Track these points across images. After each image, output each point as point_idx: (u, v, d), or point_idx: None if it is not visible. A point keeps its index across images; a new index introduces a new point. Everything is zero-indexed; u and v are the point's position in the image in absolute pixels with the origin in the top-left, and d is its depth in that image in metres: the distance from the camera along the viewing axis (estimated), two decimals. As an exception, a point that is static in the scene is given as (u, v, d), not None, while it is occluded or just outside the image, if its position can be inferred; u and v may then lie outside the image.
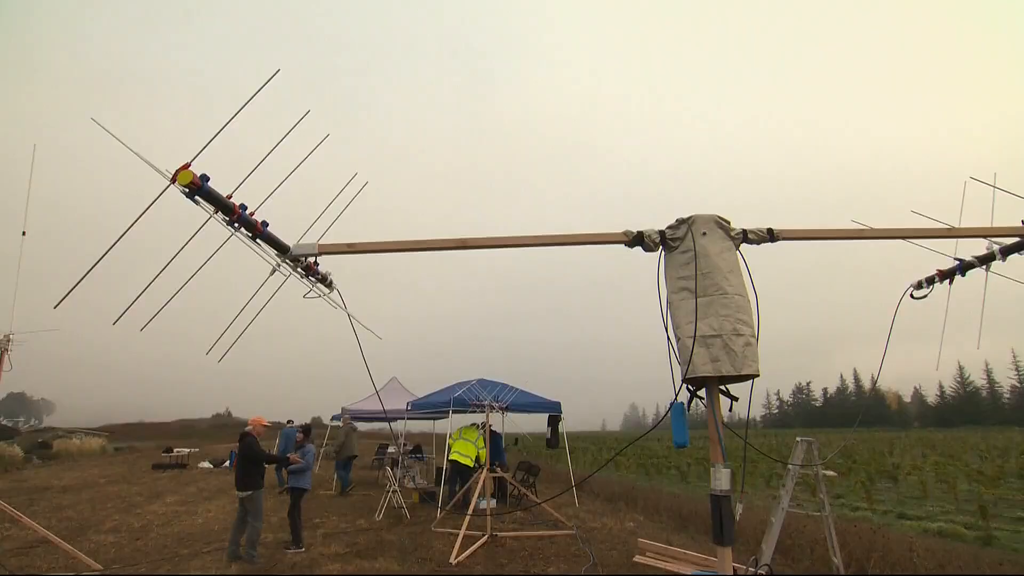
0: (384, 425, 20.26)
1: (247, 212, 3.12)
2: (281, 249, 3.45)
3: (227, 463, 21.34)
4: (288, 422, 8.01)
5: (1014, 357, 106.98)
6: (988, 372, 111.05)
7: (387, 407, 14.62)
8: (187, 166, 2.69)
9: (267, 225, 3.28)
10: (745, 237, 2.86)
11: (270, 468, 8.58)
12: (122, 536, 8.56)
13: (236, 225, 3.10)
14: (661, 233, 2.85)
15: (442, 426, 15.51)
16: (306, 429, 8.67)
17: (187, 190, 2.71)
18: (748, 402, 2.77)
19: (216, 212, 2.96)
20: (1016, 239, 3.28)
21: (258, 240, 3.31)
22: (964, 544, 8.27)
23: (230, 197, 2.99)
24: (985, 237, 3.39)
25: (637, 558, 6.86)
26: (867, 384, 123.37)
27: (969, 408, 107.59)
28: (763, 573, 3.69)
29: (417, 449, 17.62)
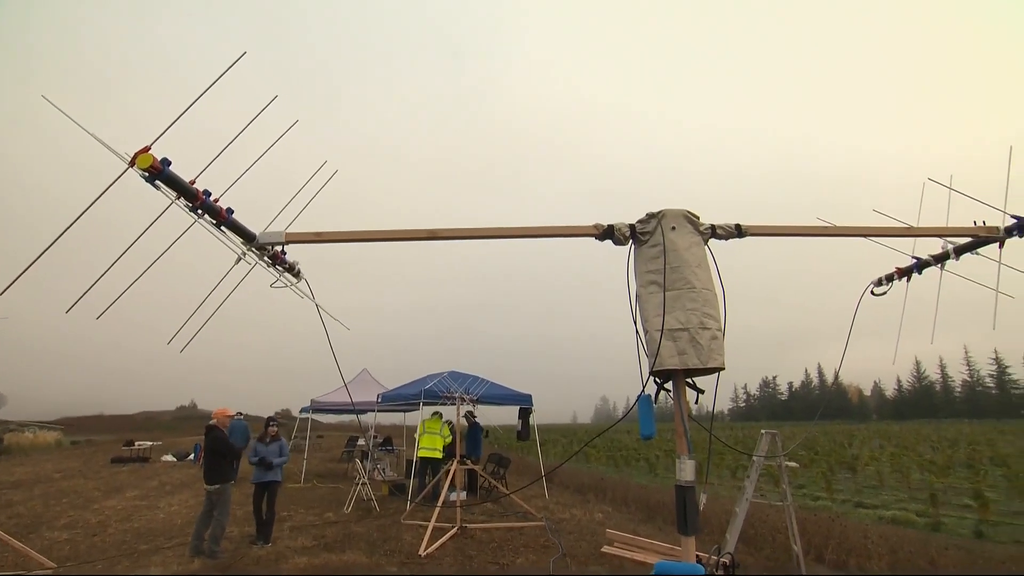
0: (354, 417, 20.06)
1: (211, 198, 3.03)
2: (247, 237, 3.36)
3: (191, 456, 20.86)
4: (238, 414, 7.81)
5: (966, 353, 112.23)
6: (942, 367, 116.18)
7: (357, 399, 14.50)
8: (147, 149, 2.59)
9: (232, 212, 3.19)
10: (714, 232, 2.90)
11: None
12: (77, 533, 8.30)
13: (199, 212, 3.00)
14: (631, 227, 2.87)
15: (413, 418, 15.44)
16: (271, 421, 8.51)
17: (147, 174, 2.61)
18: (714, 395, 2.82)
19: (178, 198, 2.86)
20: (968, 239, 3.40)
21: (223, 228, 3.22)
22: (915, 530, 8.62)
23: (193, 183, 2.90)
24: (940, 237, 3.49)
25: (605, 548, 6.95)
26: (830, 378, 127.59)
27: (924, 401, 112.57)
28: (725, 561, 3.78)
29: (387, 441, 17.53)
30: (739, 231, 2.95)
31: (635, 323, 2.84)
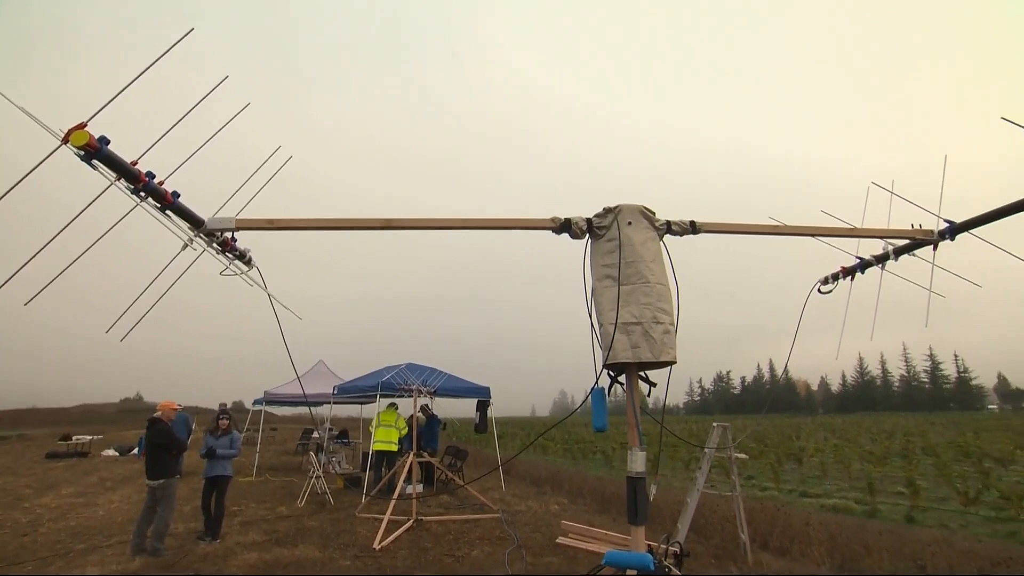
0: (305, 410, 19.64)
1: (155, 181, 2.90)
2: (195, 223, 3.23)
3: (135, 450, 20.01)
4: (179, 406, 7.59)
5: (904, 350, 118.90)
6: (883, 364, 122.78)
7: (313, 391, 14.20)
8: (82, 126, 2.44)
9: (178, 196, 3.05)
10: (669, 228, 2.96)
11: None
12: (5, 533, 7.84)
13: (142, 195, 2.86)
14: (588, 221, 2.90)
15: (370, 411, 15.24)
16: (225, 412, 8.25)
17: (83, 153, 2.47)
18: (666, 388, 2.88)
19: (118, 179, 2.72)
20: (907, 241, 3.57)
21: (168, 212, 3.08)
22: (853, 517, 9.06)
23: (135, 164, 2.76)
24: (881, 238, 3.66)
25: (560, 539, 7.03)
26: (779, 372, 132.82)
27: (866, 395, 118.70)
28: (675, 550, 3.88)
29: (343, 434, 17.26)
30: (693, 227, 3.01)
31: (590, 317, 2.87)
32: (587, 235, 2.93)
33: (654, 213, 2.93)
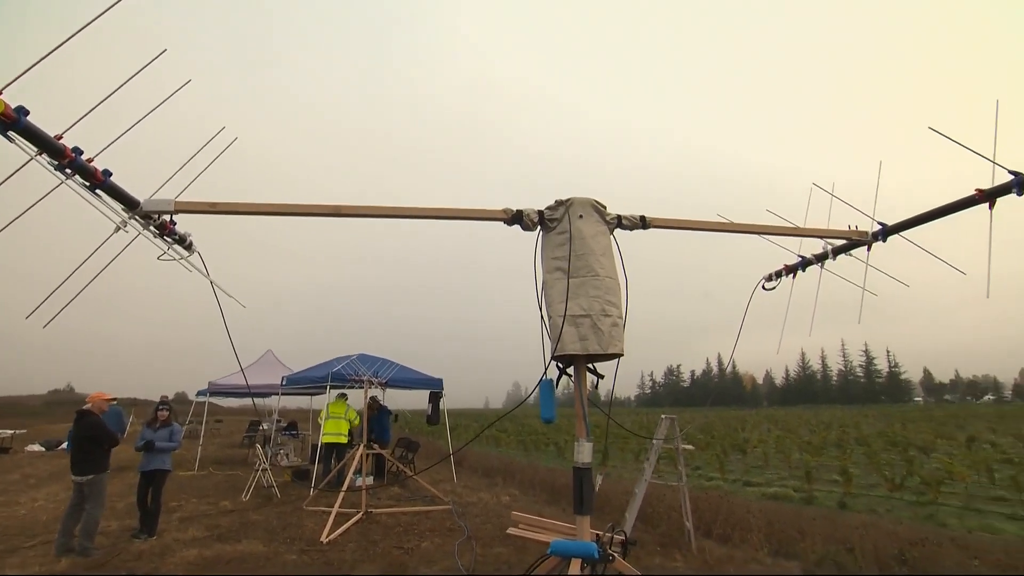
0: (257, 401, 19.04)
1: (83, 158, 2.72)
2: (129, 204, 3.06)
3: (64, 445, 18.91)
4: (111, 398, 7.21)
5: (843, 346, 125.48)
6: (823, 358, 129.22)
7: (261, 381, 13.79)
8: (-3, 94, 2.26)
9: (109, 175, 2.88)
10: (619, 222, 2.99)
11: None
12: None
13: (68, 171, 2.68)
14: (540, 213, 2.90)
15: (320, 402, 14.94)
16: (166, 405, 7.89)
17: (-3, 123, 2.29)
18: (613, 380, 2.92)
19: (40, 154, 2.54)
20: (844, 241, 3.74)
21: (98, 191, 2.90)
22: (791, 505, 9.49)
23: (60, 138, 2.58)
24: (821, 238, 3.82)
25: (510, 530, 7.07)
26: (728, 367, 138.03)
27: (807, 389, 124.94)
28: (620, 538, 3.96)
29: (292, 426, 16.80)
30: (644, 223, 3.05)
31: (540, 309, 2.88)
32: (538, 227, 2.93)
33: (605, 207, 2.95)
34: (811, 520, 7.06)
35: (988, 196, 2.87)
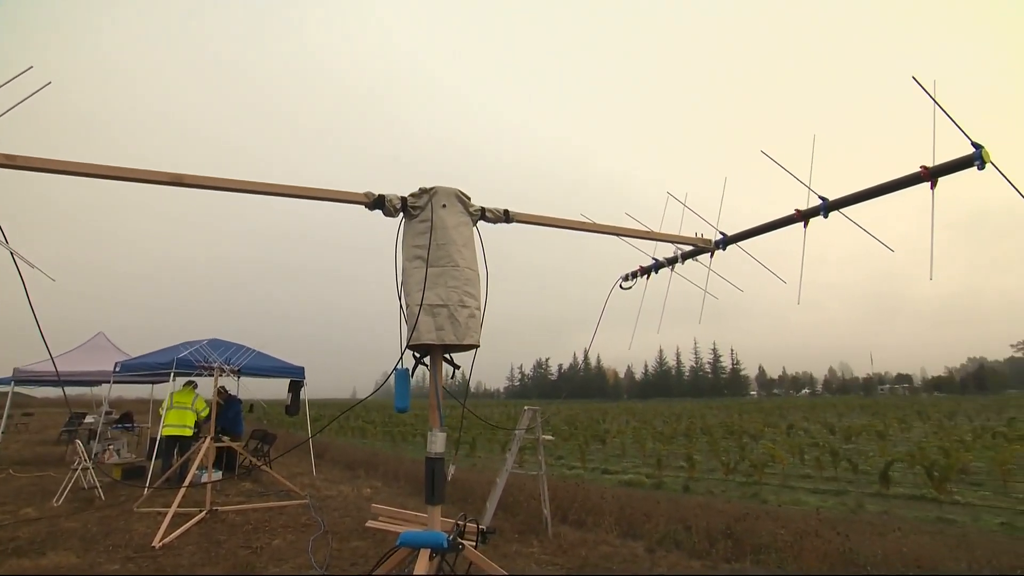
0: (86, 391, 16.67)
1: None
2: None
3: None
4: None
5: (695, 344, 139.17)
6: (678, 355, 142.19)
7: (91, 368, 12.16)
8: None
9: None
10: (483, 214, 3.00)
11: None
12: None
13: None
14: (403, 199, 2.81)
15: (164, 392, 13.50)
16: None
17: None
18: (469, 371, 2.93)
19: None
20: (691, 247, 4.07)
21: None
22: (642, 490, 10.27)
23: None
24: (673, 243, 4.13)
25: (369, 523, 6.89)
26: (592, 362, 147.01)
27: (663, 383, 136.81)
28: (472, 527, 4.00)
29: (126, 418, 14.89)
30: (507, 216, 3.09)
31: (399, 297, 2.80)
32: (401, 214, 2.84)
33: (469, 198, 2.94)
34: (657, 503, 7.67)
35: (803, 216, 3.27)
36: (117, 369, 10.70)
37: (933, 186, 2.59)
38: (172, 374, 9.70)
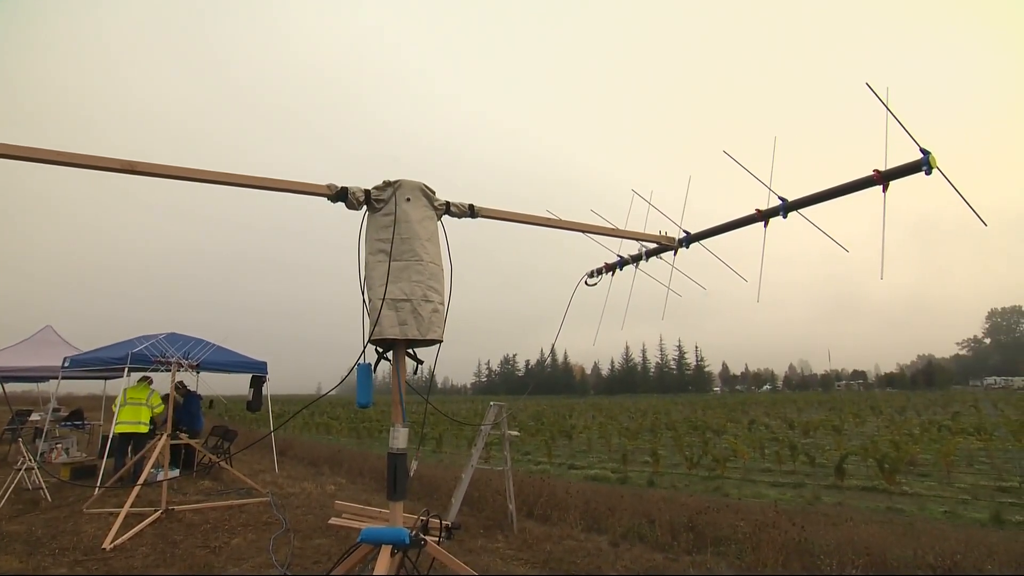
0: (32, 387, 15.89)
1: None
2: None
3: None
4: None
5: (660, 341, 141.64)
6: (643, 352, 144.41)
7: (38, 363, 11.64)
8: None
9: None
10: (448, 209, 2.97)
11: None
12: None
13: None
14: (367, 192, 2.77)
15: (118, 388, 12.99)
16: None
17: None
18: (432, 366, 2.90)
19: None
20: (655, 245, 4.12)
21: None
22: (607, 485, 10.41)
23: None
24: (637, 240, 4.18)
25: (332, 520, 6.79)
26: (560, 358, 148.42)
27: (629, 379, 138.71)
28: (436, 523, 3.98)
29: (76, 415, 14.26)
30: (472, 211, 3.07)
31: (362, 292, 2.75)
32: (364, 207, 2.79)
33: (434, 192, 2.91)
34: (621, 498, 7.78)
35: (764, 216, 3.35)
36: (66, 364, 10.24)
37: (885, 189, 2.68)
38: (127, 369, 9.33)
